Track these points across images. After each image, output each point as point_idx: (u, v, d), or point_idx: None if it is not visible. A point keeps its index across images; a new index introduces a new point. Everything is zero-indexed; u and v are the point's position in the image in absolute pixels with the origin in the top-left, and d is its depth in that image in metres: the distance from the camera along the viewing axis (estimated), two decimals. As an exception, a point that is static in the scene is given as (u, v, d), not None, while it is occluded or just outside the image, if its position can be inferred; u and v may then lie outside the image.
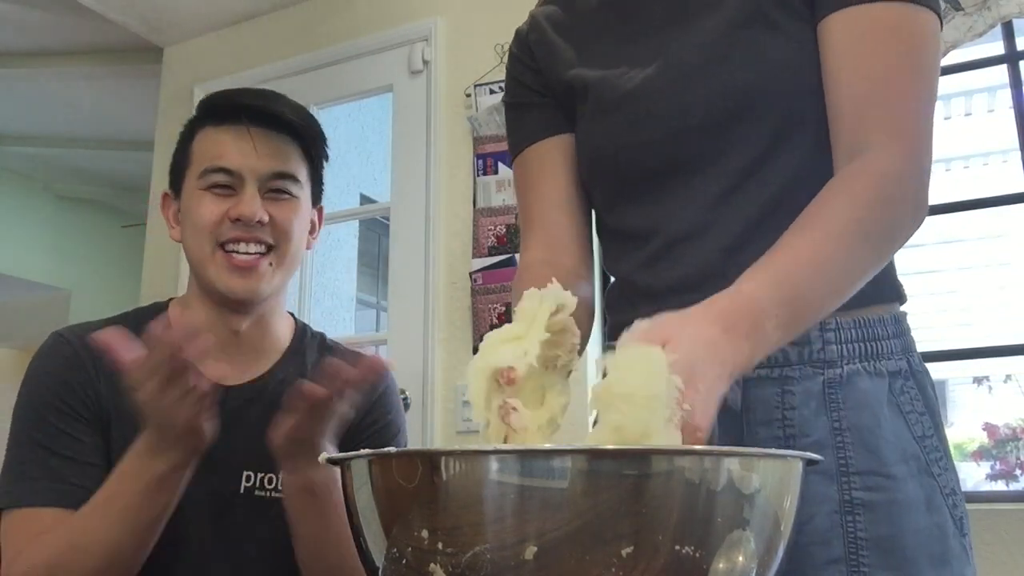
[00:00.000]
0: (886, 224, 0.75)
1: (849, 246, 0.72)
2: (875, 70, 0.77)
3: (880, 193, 0.74)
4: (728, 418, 0.80)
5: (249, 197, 1.07)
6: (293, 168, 1.11)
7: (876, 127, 0.76)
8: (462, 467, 0.48)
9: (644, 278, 0.88)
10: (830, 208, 0.73)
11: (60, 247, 5.41)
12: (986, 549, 1.82)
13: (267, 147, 1.09)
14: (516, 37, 1.02)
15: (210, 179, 1.07)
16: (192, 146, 1.12)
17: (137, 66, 3.53)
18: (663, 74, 0.86)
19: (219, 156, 1.08)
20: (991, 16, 2.02)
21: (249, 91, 1.15)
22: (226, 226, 1.06)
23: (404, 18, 2.74)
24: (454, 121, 2.54)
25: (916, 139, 0.77)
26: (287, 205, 1.10)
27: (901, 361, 0.82)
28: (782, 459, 0.53)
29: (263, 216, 1.06)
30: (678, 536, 0.47)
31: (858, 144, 0.76)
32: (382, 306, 2.78)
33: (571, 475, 0.47)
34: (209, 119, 1.12)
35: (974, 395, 5.19)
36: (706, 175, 0.84)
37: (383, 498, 0.52)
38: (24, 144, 4.72)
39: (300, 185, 1.13)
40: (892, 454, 0.78)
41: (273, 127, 1.10)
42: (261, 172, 1.08)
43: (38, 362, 1.08)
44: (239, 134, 1.09)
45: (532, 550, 0.46)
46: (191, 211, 1.08)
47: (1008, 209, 2.22)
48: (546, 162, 0.96)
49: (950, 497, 0.79)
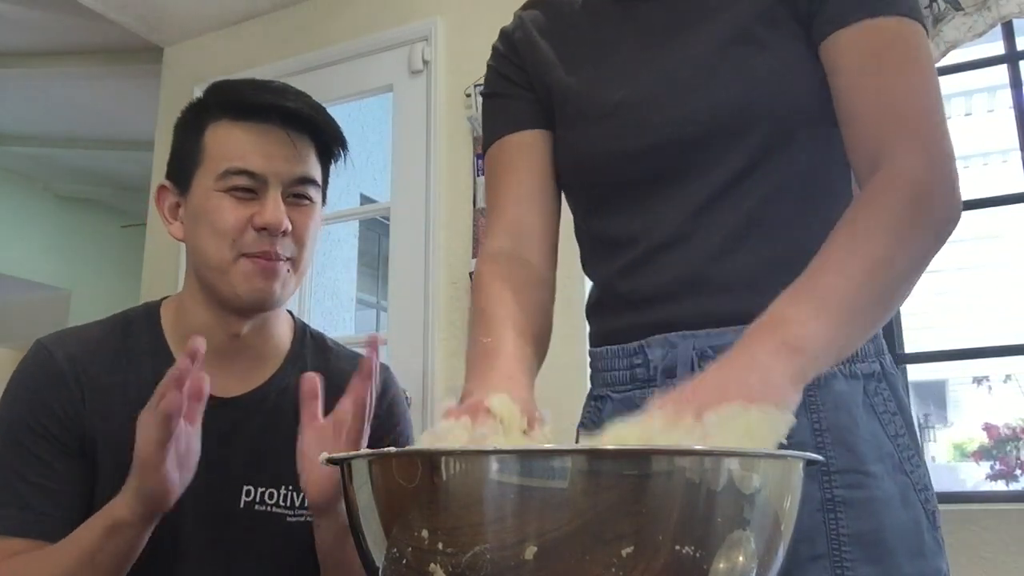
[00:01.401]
0: (923, 231, 0.75)
1: (891, 264, 0.72)
2: (891, 81, 0.79)
3: (915, 204, 0.74)
4: None
5: (273, 204, 1.02)
6: (313, 171, 1.07)
7: (899, 136, 0.77)
8: (462, 467, 0.49)
9: (625, 284, 0.89)
10: (865, 225, 0.74)
11: (60, 247, 5.41)
12: (986, 549, 1.82)
13: (291, 150, 1.04)
14: (502, 35, 1.02)
15: (231, 181, 1.02)
16: (205, 140, 1.05)
17: (137, 66, 3.53)
18: (650, 87, 0.87)
19: (242, 157, 1.02)
20: (991, 16, 2.02)
21: (266, 86, 1.08)
22: (250, 235, 1.01)
23: (404, 18, 2.74)
24: (454, 121, 2.54)
25: (939, 145, 0.78)
26: (306, 211, 1.06)
27: (875, 364, 0.85)
28: (783, 459, 0.53)
29: (288, 225, 1.02)
30: (678, 536, 0.47)
31: (881, 153, 0.77)
32: (382, 306, 2.77)
33: (571, 475, 0.47)
34: (226, 113, 1.05)
35: (974, 395, 5.19)
36: (690, 185, 0.85)
37: (383, 498, 0.52)
38: (24, 144, 4.72)
39: (318, 188, 1.09)
40: (869, 452, 0.81)
41: (295, 127, 1.05)
42: (285, 176, 1.03)
43: (18, 377, 1.03)
44: (263, 133, 1.03)
45: (532, 550, 0.46)
46: (208, 213, 1.02)
47: (1007, 209, 2.21)
48: (523, 153, 0.95)
49: (922, 492, 0.82)
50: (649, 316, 0.86)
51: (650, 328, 0.86)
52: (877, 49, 0.80)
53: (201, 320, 1.06)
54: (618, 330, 0.90)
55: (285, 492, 1.07)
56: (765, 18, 0.84)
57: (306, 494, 0.94)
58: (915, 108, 0.79)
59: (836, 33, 0.81)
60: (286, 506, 1.06)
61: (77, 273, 5.45)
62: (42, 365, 1.02)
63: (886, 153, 0.77)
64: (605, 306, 0.93)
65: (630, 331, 0.88)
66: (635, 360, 0.87)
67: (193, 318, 1.07)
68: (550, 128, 0.96)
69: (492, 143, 0.98)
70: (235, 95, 1.07)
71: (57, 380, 1.01)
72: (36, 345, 1.05)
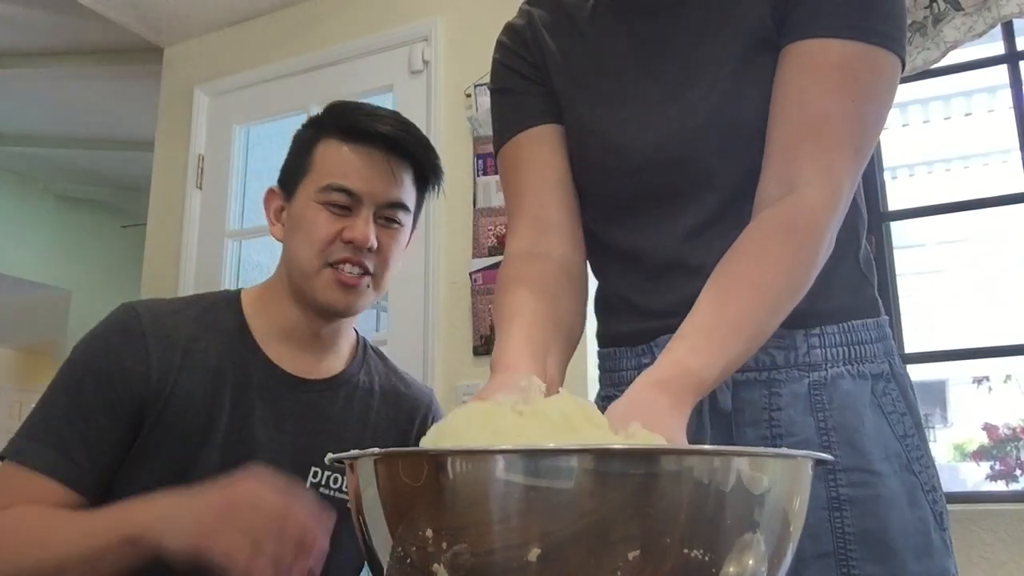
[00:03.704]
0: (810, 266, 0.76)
1: (782, 298, 0.74)
2: (814, 106, 0.78)
3: (810, 240, 0.75)
4: (719, 419, 0.83)
5: (363, 222, 1.10)
6: (406, 197, 1.14)
7: (806, 164, 0.77)
8: (467, 467, 0.48)
9: (635, 297, 0.90)
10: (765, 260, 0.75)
11: (60, 247, 5.41)
12: (986, 549, 1.82)
13: (389, 175, 1.12)
14: (509, 29, 1.00)
15: (330, 196, 1.10)
16: (315, 154, 1.13)
17: (137, 66, 3.53)
18: (647, 103, 0.87)
19: (344, 176, 1.10)
20: (991, 16, 2.02)
21: (376, 113, 1.16)
22: (337, 246, 1.09)
23: (404, 18, 2.74)
24: (454, 121, 2.54)
25: (843, 180, 0.77)
26: (394, 233, 1.14)
27: (883, 364, 0.85)
28: (792, 459, 0.53)
29: (374, 243, 1.09)
30: (687, 539, 0.46)
31: (789, 177, 0.77)
32: (382, 306, 2.77)
33: (577, 475, 0.46)
34: (337, 132, 1.13)
35: (974, 395, 5.19)
36: (687, 206, 0.85)
37: (388, 498, 0.51)
38: (24, 144, 4.72)
39: (408, 213, 1.16)
40: (876, 451, 0.81)
41: (396, 154, 1.13)
42: (379, 199, 1.11)
43: (100, 327, 1.07)
44: (366, 157, 1.11)
45: (536, 552, 0.45)
46: (304, 221, 1.11)
47: (1008, 209, 2.21)
48: (538, 149, 0.94)
49: (930, 493, 0.82)
50: (659, 323, 0.86)
51: (659, 331, 0.86)
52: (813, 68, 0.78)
53: (286, 314, 1.13)
54: (627, 334, 0.90)
55: None
56: (759, 38, 0.83)
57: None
58: (828, 136, 0.77)
59: (785, 47, 0.80)
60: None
61: (77, 273, 5.45)
62: (125, 319, 1.07)
63: (791, 181, 0.77)
64: (614, 309, 0.93)
65: (639, 335, 0.89)
66: (644, 360, 0.87)
67: (279, 310, 1.14)
68: (562, 121, 0.95)
69: (506, 141, 0.96)
70: (348, 117, 1.15)
71: (136, 335, 1.05)
72: (124, 306, 1.10)
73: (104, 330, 1.07)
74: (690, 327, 0.71)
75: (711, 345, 0.69)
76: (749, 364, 0.81)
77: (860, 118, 0.79)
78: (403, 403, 1.22)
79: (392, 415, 1.20)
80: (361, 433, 1.15)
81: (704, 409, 0.82)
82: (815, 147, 0.77)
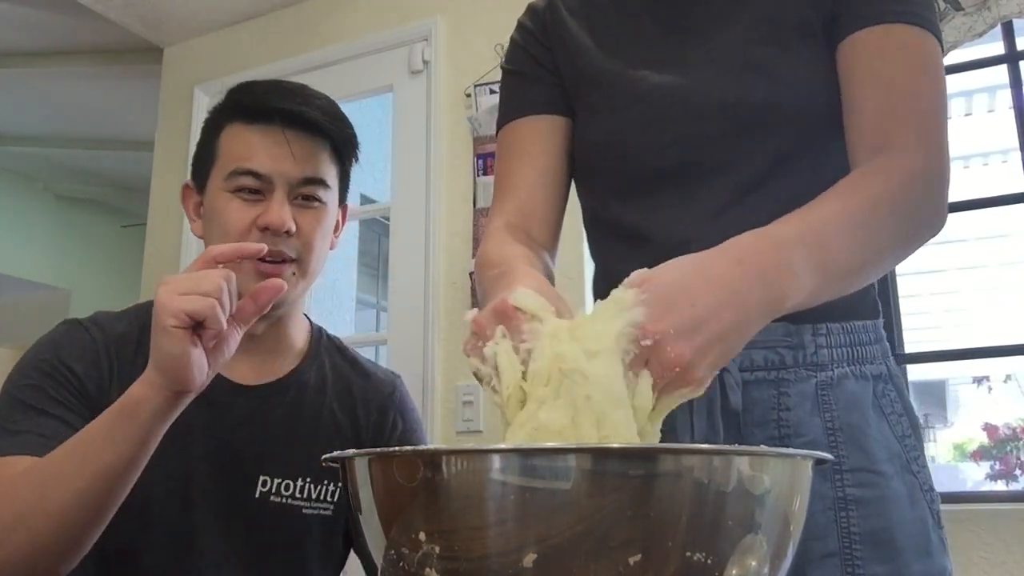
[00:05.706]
0: (912, 214, 0.77)
1: (880, 217, 0.73)
2: (899, 81, 0.80)
3: (908, 187, 0.76)
4: (730, 420, 0.83)
5: (278, 205, 1.03)
6: (323, 172, 1.08)
7: (901, 130, 0.79)
8: (462, 466, 0.47)
9: None
10: (863, 182, 0.75)
11: (60, 247, 5.40)
12: (986, 549, 1.82)
13: (299, 151, 1.05)
14: (530, 11, 1.00)
15: (238, 182, 1.03)
16: (219, 142, 1.07)
17: (137, 66, 3.53)
18: (678, 80, 0.87)
19: (248, 158, 1.04)
20: (991, 16, 2.02)
21: (281, 89, 1.09)
22: (254, 236, 1.02)
23: (404, 18, 2.74)
24: (454, 121, 2.54)
25: (939, 146, 0.79)
26: (314, 213, 1.07)
27: (881, 365, 0.86)
28: (792, 459, 0.52)
29: (291, 226, 1.03)
30: (689, 542, 0.45)
31: (882, 143, 0.78)
32: (382, 306, 2.77)
33: (575, 475, 0.45)
34: (239, 116, 1.07)
35: (974, 395, 5.18)
36: (708, 186, 0.85)
37: (383, 498, 0.50)
38: (24, 144, 4.71)
39: (329, 190, 1.09)
40: (879, 452, 0.82)
41: (305, 129, 1.06)
42: (292, 178, 1.05)
43: (46, 337, 1.02)
44: (270, 135, 1.05)
45: (531, 557, 0.44)
46: (218, 214, 1.05)
47: (1008, 209, 2.21)
48: (538, 138, 0.94)
49: (928, 493, 0.84)
50: None
51: None
52: (890, 51, 0.81)
53: None
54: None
55: (302, 484, 1.06)
56: (795, 22, 0.85)
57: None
58: (919, 109, 0.80)
59: (853, 35, 0.82)
60: (303, 498, 1.06)
61: (77, 273, 5.45)
62: (72, 330, 1.03)
63: (887, 144, 0.78)
64: None
65: None
66: None
67: None
68: (567, 115, 0.95)
69: (508, 122, 0.96)
70: (247, 98, 1.08)
71: (87, 343, 1.01)
72: (69, 321, 1.05)
73: (53, 336, 1.02)
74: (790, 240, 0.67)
75: (799, 215, 0.69)
76: (758, 363, 0.82)
77: (938, 93, 0.82)
78: (361, 396, 1.15)
79: (349, 410, 1.14)
80: (313, 435, 1.09)
81: (715, 410, 0.81)
82: (906, 117, 0.79)
